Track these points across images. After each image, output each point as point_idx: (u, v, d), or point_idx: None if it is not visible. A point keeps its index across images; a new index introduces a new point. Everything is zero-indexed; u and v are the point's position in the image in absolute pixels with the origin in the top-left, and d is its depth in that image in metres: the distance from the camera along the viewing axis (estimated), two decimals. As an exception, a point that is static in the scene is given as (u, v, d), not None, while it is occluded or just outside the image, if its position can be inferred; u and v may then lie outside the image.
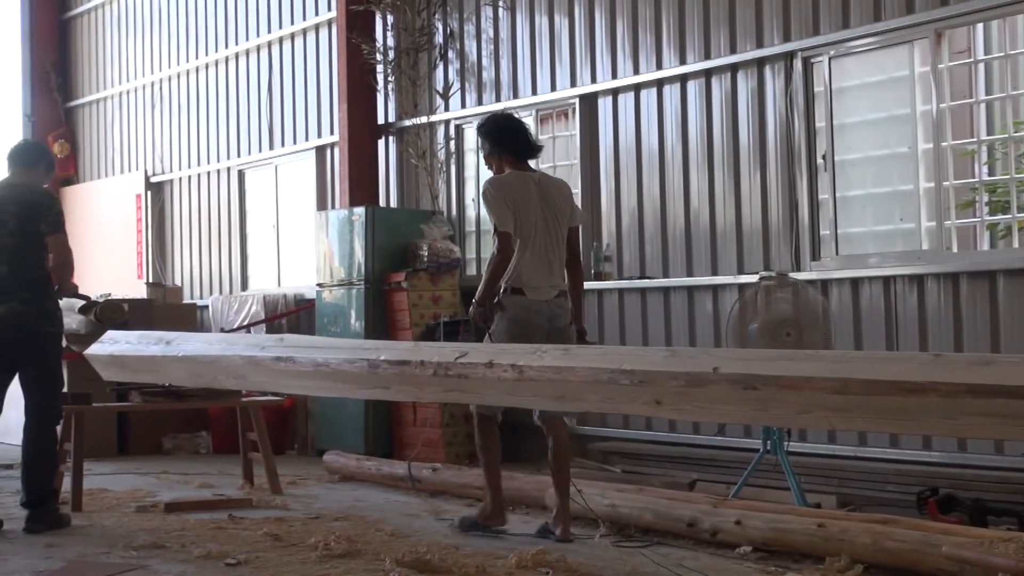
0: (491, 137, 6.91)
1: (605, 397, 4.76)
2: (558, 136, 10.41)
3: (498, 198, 6.64)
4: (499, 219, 6.60)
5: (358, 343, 6.71)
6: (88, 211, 16.34)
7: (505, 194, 6.65)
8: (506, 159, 6.86)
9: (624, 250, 9.78)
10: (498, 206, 6.62)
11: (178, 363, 7.24)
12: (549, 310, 6.62)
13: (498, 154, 6.88)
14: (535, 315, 6.58)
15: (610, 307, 9.81)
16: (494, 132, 6.93)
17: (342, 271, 10.99)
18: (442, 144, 11.33)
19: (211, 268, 14.41)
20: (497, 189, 6.68)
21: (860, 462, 7.98)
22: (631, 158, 9.77)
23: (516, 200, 6.65)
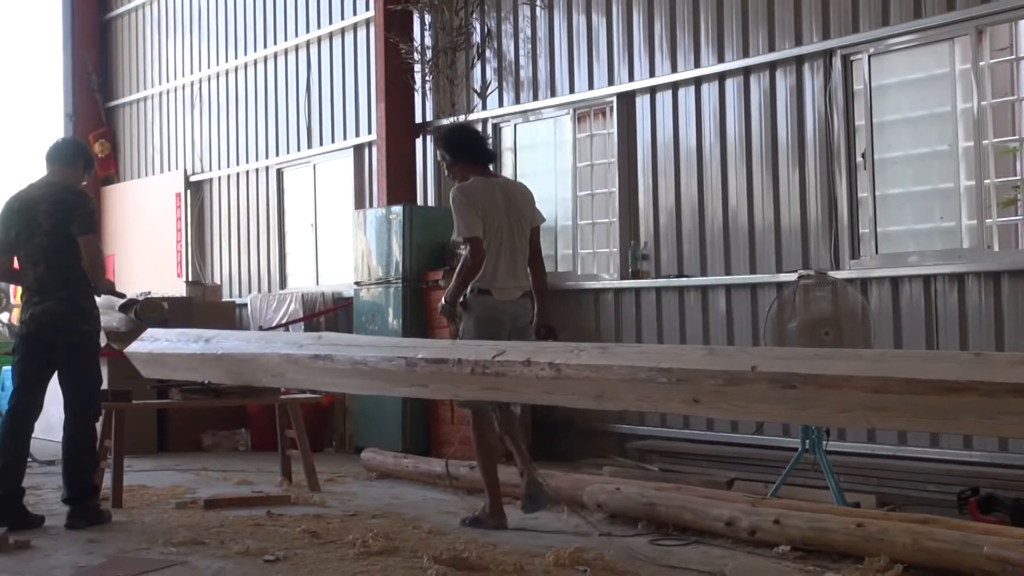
0: (452, 148, 7.20)
1: (643, 395, 4.75)
2: (595, 135, 10.40)
3: (467, 204, 6.89)
4: (468, 225, 6.85)
5: (395, 341, 6.73)
6: (128, 210, 16.46)
7: (473, 200, 6.91)
8: (469, 167, 7.11)
9: (661, 249, 9.75)
10: (467, 212, 6.87)
11: (217, 361, 7.28)
12: (512, 310, 6.96)
13: (461, 163, 7.13)
14: (499, 314, 6.89)
15: (647, 306, 9.79)
16: (455, 143, 7.21)
17: (380, 269, 11.01)
18: (480, 143, 11.31)
19: (250, 266, 14.47)
20: (465, 196, 6.93)
21: (900, 461, 7.93)
22: (669, 156, 9.74)
23: (484, 206, 6.93)
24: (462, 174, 7.11)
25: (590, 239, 10.41)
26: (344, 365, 6.20)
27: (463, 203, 6.90)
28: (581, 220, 10.45)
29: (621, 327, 9.99)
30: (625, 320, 9.97)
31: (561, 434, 10.36)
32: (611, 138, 10.21)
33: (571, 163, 10.55)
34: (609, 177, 10.20)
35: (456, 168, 7.16)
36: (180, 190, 15.52)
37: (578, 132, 10.52)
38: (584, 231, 10.45)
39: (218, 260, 15.01)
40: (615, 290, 10.06)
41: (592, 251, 10.40)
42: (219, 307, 13.08)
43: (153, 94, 16.39)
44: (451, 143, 7.21)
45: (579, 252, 10.47)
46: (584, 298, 10.32)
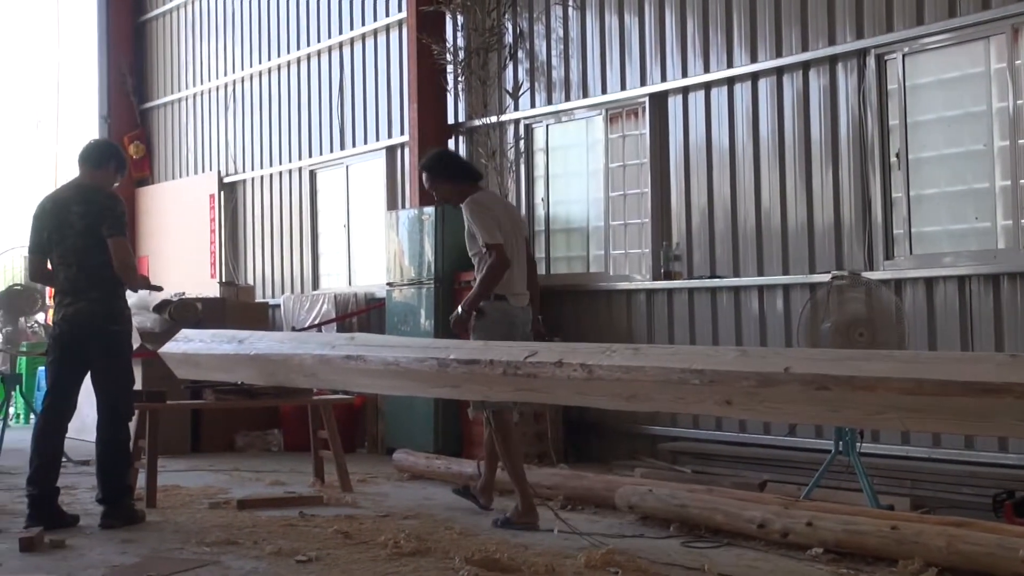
0: (446, 172, 7.46)
1: (675, 397, 4.73)
2: (628, 135, 10.37)
3: (487, 213, 7.14)
4: (490, 233, 7.08)
5: (428, 342, 6.72)
6: (162, 211, 16.54)
7: (491, 210, 7.19)
8: (466, 187, 7.37)
9: (694, 249, 9.72)
10: (488, 221, 7.11)
11: (250, 361, 7.29)
12: (523, 316, 7.24)
13: (461, 184, 7.37)
14: (514, 319, 7.13)
15: (680, 307, 9.76)
16: (450, 166, 7.52)
17: (412, 270, 11.02)
18: (511, 143, 11.32)
19: (283, 267, 14.51)
20: (482, 206, 7.19)
21: (934, 464, 7.87)
22: (701, 157, 9.71)
23: (497, 215, 7.21)
24: (462, 193, 7.32)
25: (622, 240, 10.38)
26: (376, 366, 6.20)
27: (483, 212, 7.13)
28: (613, 221, 10.43)
29: (653, 328, 9.97)
30: (657, 321, 9.94)
31: (593, 435, 10.33)
32: (643, 138, 10.18)
33: (603, 164, 10.53)
34: (641, 177, 10.18)
35: (452, 192, 7.37)
36: (214, 191, 15.58)
37: (610, 133, 10.50)
38: (616, 232, 10.42)
39: (251, 261, 15.06)
40: (647, 291, 10.03)
41: (624, 252, 10.37)
42: (252, 308, 13.12)
43: (187, 96, 16.46)
44: (445, 168, 7.48)
45: (611, 253, 10.45)
46: (616, 299, 10.30)
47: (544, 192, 11.13)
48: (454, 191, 7.38)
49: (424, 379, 5.99)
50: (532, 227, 11.18)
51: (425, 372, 5.90)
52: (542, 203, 11.14)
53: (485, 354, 5.65)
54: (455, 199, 7.36)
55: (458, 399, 7.65)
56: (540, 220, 11.16)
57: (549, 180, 11.12)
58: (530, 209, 11.20)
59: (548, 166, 11.13)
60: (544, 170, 11.14)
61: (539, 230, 11.16)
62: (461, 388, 5.91)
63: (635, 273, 10.25)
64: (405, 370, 6.02)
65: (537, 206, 11.20)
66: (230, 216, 15.44)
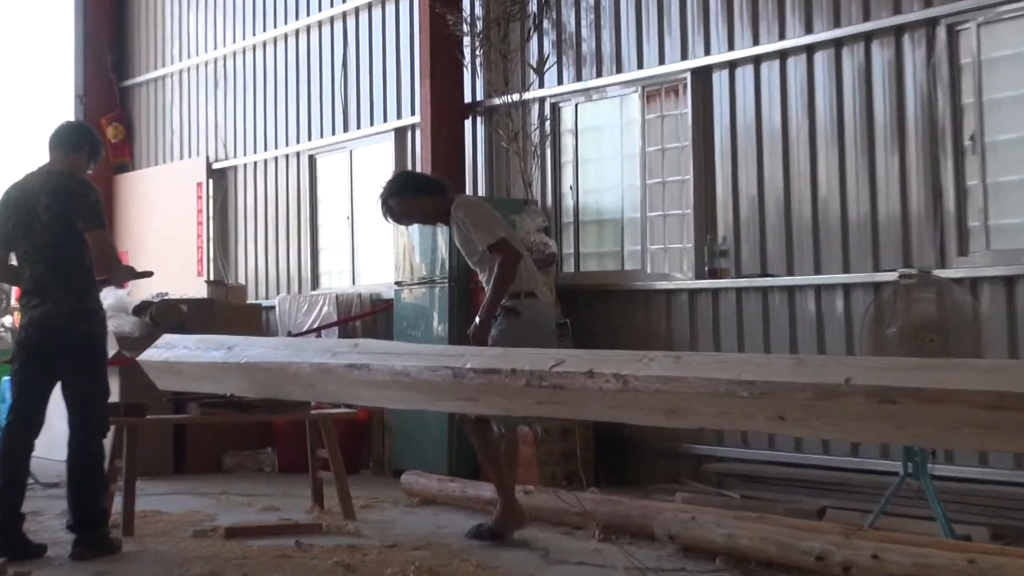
0: (423, 187, 7.73)
1: (721, 411, 4.69)
2: (667, 115, 10.34)
3: (479, 209, 7.40)
4: (490, 229, 7.29)
5: (441, 349, 6.69)
6: (144, 201, 16.57)
7: (482, 205, 7.51)
8: (443, 199, 7.58)
9: (742, 244, 9.69)
10: (487, 217, 7.33)
11: (241, 371, 7.27)
12: (552, 316, 7.63)
13: (437, 198, 7.61)
14: (545, 319, 7.42)
15: (727, 309, 9.72)
16: (422, 181, 7.88)
17: (424, 268, 11.00)
18: (536, 125, 11.30)
19: (278, 264, 14.53)
20: (472, 203, 7.51)
21: (1017, 488, 7.82)
22: (750, 139, 9.67)
23: (490, 210, 7.51)
24: (443, 206, 7.54)
25: (661, 233, 10.35)
26: (383, 376, 6.17)
27: (479, 209, 7.39)
28: (651, 212, 10.39)
29: (696, 333, 9.94)
30: (701, 325, 9.91)
31: (628, 455, 10.31)
32: (684, 119, 10.15)
33: (639, 147, 10.49)
34: (682, 163, 10.14)
35: (437, 202, 7.59)
36: (202, 179, 15.62)
37: (647, 112, 10.47)
38: (654, 224, 10.39)
39: (243, 257, 15.08)
40: (689, 291, 10.00)
41: (663, 247, 10.34)
42: (243, 310, 13.12)
43: (172, 72, 16.51)
44: (422, 181, 7.85)
45: (648, 248, 10.42)
46: (654, 300, 10.27)
47: (573, 179, 11.11)
48: (435, 205, 7.59)
49: (437, 391, 5.96)
50: (559, 218, 11.17)
51: (438, 383, 5.87)
52: (570, 191, 11.12)
53: (506, 363, 5.61)
54: (438, 214, 7.58)
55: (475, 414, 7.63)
56: (568, 211, 11.14)
57: (578, 166, 11.10)
58: (556, 199, 11.18)
59: (577, 150, 11.10)
60: (573, 154, 11.12)
61: (567, 222, 11.14)
62: (479, 401, 5.87)
63: (676, 271, 10.22)
64: (415, 381, 5.99)
65: (565, 195, 11.17)
66: (219, 207, 15.46)
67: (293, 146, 14.34)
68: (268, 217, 14.75)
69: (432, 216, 7.72)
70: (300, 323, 13.14)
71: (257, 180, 14.95)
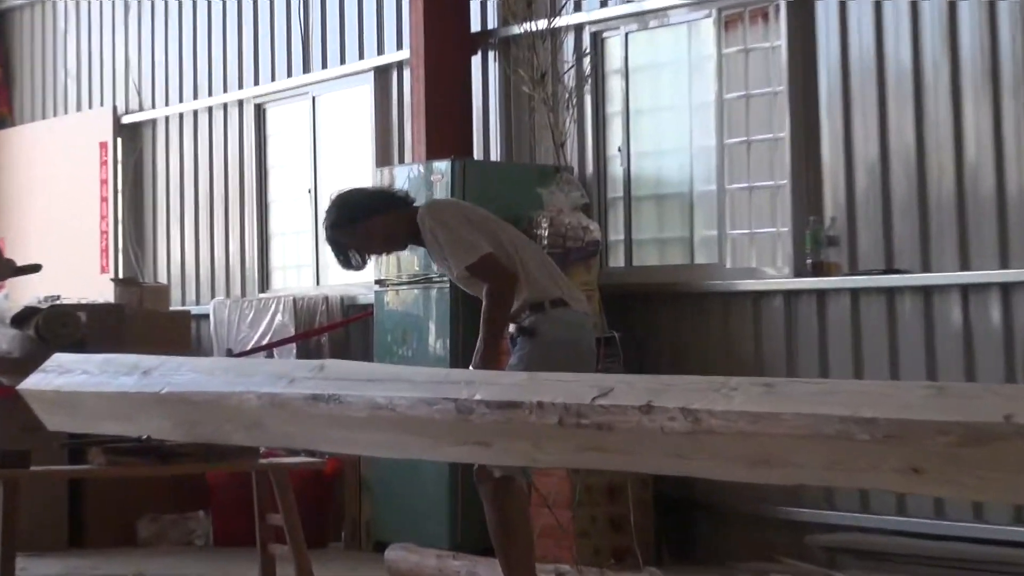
0: (369, 213, 7.75)
1: (830, 461, 4.70)
2: (752, 49, 10.33)
3: (457, 215, 7.58)
4: (471, 242, 7.40)
5: (441, 374, 6.70)
6: (27, 168, 16.59)
7: (458, 213, 7.66)
8: (400, 216, 7.71)
9: (858, 228, 9.69)
10: (460, 226, 7.47)
11: (161, 404, 7.30)
12: (592, 328, 7.85)
13: (402, 213, 7.73)
14: (589, 336, 7.65)
15: (837, 317, 9.71)
16: (379, 196, 8.05)
17: (416, 262, 11.01)
18: (571, 62, 11.30)
19: (213, 257, 14.57)
20: (446, 208, 7.88)
21: None
22: (867, 84, 9.67)
23: (478, 217, 7.68)
24: (410, 221, 7.62)
25: (745, 213, 10.37)
26: (360, 411, 6.19)
27: (451, 215, 7.55)
28: (731, 183, 10.40)
29: (795, 350, 9.95)
30: (801, 340, 9.92)
31: (701, 523, 10.32)
32: (777, 54, 10.15)
33: (714, 93, 10.50)
34: (775, 115, 10.15)
35: (403, 218, 7.69)
36: (107, 137, 15.64)
37: (725, 45, 10.47)
38: (736, 200, 10.41)
39: (163, 247, 15.12)
40: (785, 293, 10.01)
41: (748, 231, 10.35)
42: (165, 320, 13.15)
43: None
44: (379, 197, 8.02)
45: (727, 234, 10.42)
46: (736, 305, 10.30)
47: (622, 138, 11.11)
48: (398, 222, 7.67)
49: (435, 432, 5.98)
50: (603, 193, 11.17)
51: (436, 422, 5.88)
52: (619, 155, 11.12)
53: (530, 392, 5.62)
54: (407, 233, 7.66)
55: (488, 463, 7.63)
56: (616, 182, 11.14)
57: (629, 119, 11.11)
58: (600, 165, 11.18)
59: (628, 97, 11.11)
60: (622, 103, 11.13)
61: (614, 198, 11.14)
62: (493, 447, 5.87)
63: (766, 265, 10.24)
64: (404, 418, 6.00)
65: (610, 160, 11.18)
66: (131, 176, 15.50)
67: (233, 92, 14.38)
68: (199, 191, 14.78)
69: (399, 237, 7.78)
70: (244, 338, 13.16)
71: (184, 139, 14.98)
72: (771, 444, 4.83)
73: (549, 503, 10.06)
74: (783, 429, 4.77)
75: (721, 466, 5.16)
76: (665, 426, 5.08)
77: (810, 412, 4.71)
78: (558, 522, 9.99)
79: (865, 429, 4.54)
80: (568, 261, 10.60)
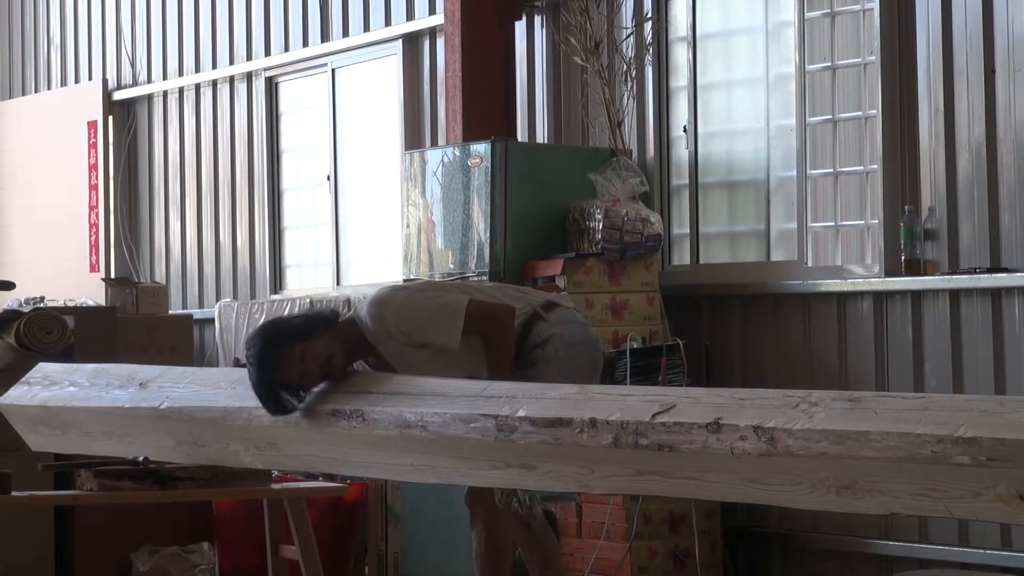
0: (307, 334, 7.45)
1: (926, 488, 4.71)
2: (839, 13, 10.32)
3: (412, 297, 7.68)
4: (446, 306, 7.47)
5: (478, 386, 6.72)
6: (4, 151, 16.63)
7: (410, 290, 8.10)
8: (340, 327, 7.59)
9: (960, 220, 9.67)
10: (425, 302, 7.58)
11: (160, 421, 7.33)
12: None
13: (333, 335, 7.48)
14: (594, 341, 7.84)
15: (934, 321, 9.70)
16: (305, 327, 7.53)
17: (450, 257, 11.04)
18: (630, 29, 11.31)
19: (218, 253, 14.60)
20: (397, 293, 7.79)
21: None
22: (974, 53, 9.64)
23: (428, 284, 8.33)
24: (350, 335, 7.54)
25: (829, 203, 10.36)
26: (386, 429, 6.22)
27: (409, 301, 7.58)
28: (813, 169, 10.40)
29: (885, 360, 9.94)
30: (893, 348, 9.91)
31: (777, 557, 10.33)
32: (868, 19, 10.14)
33: (795, 64, 10.50)
34: (865, 90, 10.15)
35: (350, 328, 7.60)
36: (96, 115, 15.68)
37: (808, 9, 10.46)
38: (819, 189, 10.40)
39: (161, 242, 15.17)
40: (874, 294, 10.00)
41: (833, 224, 10.35)
42: (164, 325, 13.19)
43: (50, -53, 16.64)
44: (303, 325, 7.60)
45: (808, 227, 10.42)
46: (819, 307, 10.29)
47: (688, 116, 11.12)
48: (339, 335, 7.54)
49: (472, 454, 6.00)
50: (666, 180, 11.18)
51: (474, 442, 5.91)
52: (684, 136, 11.12)
53: (580, 409, 5.64)
54: (353, 344, 7.56)
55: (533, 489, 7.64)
56: (680, 167, 11.15)
57: (696, 94, 11.11)
58: (662, 148, 11.19)
59: (695, 69, 11.11)
60: (688, 76, 11.13)
61: (679, 185, 11.15)
62: (537, 470, 5.91)
63: (853, 262, 10.24)
64: (437, 437, 6.03)
65: (675, 142, 11.18)
66: (125, 160, 15.54)
67: (240, 64, 14.42)
68: (202, 178, 14.83)
69: (339, 357, 7.49)
70: (253, 346, 13.21)
71: (184, 118, 15.03)
72: (857, 468, 4.84)
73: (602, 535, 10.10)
74: (871, 451, 4.78)
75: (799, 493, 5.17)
76: (735, 447, 5.09)
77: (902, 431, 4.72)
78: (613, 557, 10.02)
79: (965, 451, 4.54)
80: (625, 258, 10.63)
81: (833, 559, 10.10)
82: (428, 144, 12.37)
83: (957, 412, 4.79)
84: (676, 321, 10.50)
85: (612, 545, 10.07)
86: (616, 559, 10.05)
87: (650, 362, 10.01)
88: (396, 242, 12.00)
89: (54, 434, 8.13)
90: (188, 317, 13.76)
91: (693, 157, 11.12)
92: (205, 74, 14.76)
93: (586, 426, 5.53)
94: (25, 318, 11.62)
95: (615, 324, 10.59)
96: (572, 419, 5.60)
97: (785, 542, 10.27)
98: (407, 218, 11.45)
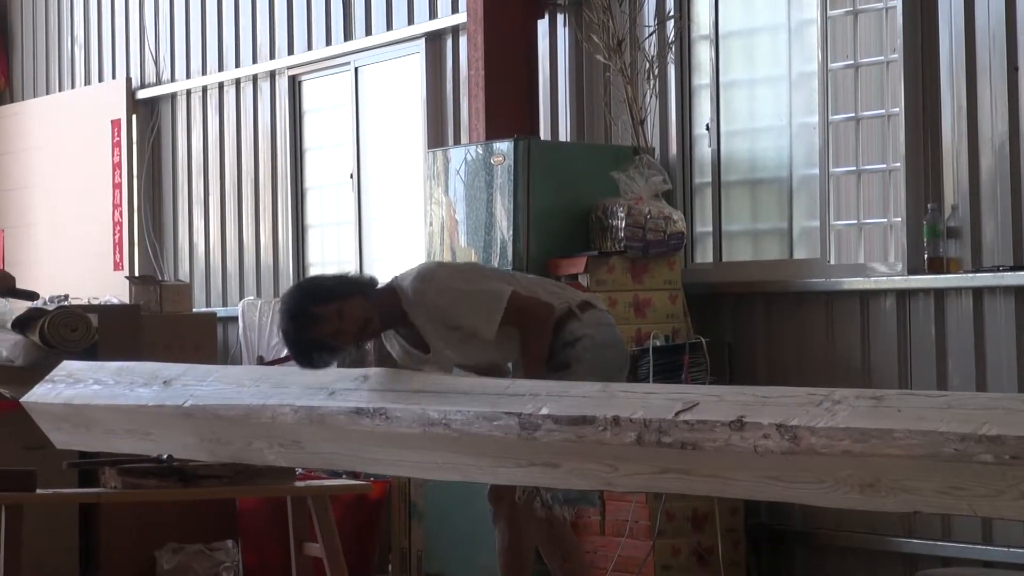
0: (346, 293, 7.57)
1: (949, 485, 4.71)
2: (862, 11, 10.31)
3: (456, 277, 7.75)
4: (489, 294, 7.54)
5: (501, 384, 6.73)
6: (29, 149, 16.64)
7: (457, 269, 8.16)
8: (380, 295, 7.67)
9: (983, 218, 9.66)
10: (468, 284, 7.61)
11: (185, 419, 7.34)
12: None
13: (372, 302, 7.60)
14: (621, 342, 8.00)
15: (957, 319, 9.69)
16: (339, 287, 7.66)
17: (473, 254, 11.04)
18: (653, 27, 11.31)
19: (242, 252, 14.61)
20: (444, 270, 8.06)
21: None
22: (997, 49, 9.63)
23: (475, 267, 8.28)
24: (389, 306, 7.61)
25: (852, 201, 10.35)
26: (409, 427, 6.23)
27: (453, 281, 7.62)
28: (836, 166, 10.39)
29: (909, 359, 9.94)
30: (916, 346, 9.90)
31: (800, 556, 10.32)
32: (891, 17, 10.13)
33: (818, 62, 10.49)
34: (888, 88, 10.14)
35: (377, 304, 7.61)
36: (120, 114, 15.68)
37: (831, 7, 10.45)
38: (842, 187, 10.40)
39: (185, 240, 15.17)
40: (898, 292, 9.99)
41: (856, 222, 10.34)
42: (187, 323, 13.20)
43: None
44: (341, 284, 7.70)
45: (831, 225, 10.41)
46: (842, 306, 10.29)
47: (711, 114, 11.12)
48: (377, 303, 7.60)
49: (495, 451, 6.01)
50: (689, 178, 11.17)
51: (497, 440, 5.91)
52: (707, 134, 11.12)
53: (603, 407, 5.65)
54: (390, 315, 7.62)
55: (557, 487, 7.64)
56: (704, 165, 11.14)
57: (719, 92, 11.11)
58: (685, 146, 11.18)
59: (717, 67, 11.11)
60: (711, 74, 11.13)
61: (701, 183, 11.14)
62: (561, 468, 5.91)
63: (876, 261, 10.23)
64: (460, 435, 6.04)
65: (697, 140, 11.18)
66: (149, 158, 15.55)
67: (264, 63, 14.42)
68: (226, 176, 14.83)
69: (374, 323, 7.64)
70: (277, 344, 13.20)
71: (208, 117, 15.04)
72: (880, 466, 4.84)
73: (625, 533, 10.10)
74: (894, 449, 4.78)
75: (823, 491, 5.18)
76: (759, 445, 5.10)
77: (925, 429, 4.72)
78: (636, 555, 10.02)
79: (989, 449, 4.54)
80: (648, 256, 10.63)
81: (856, 557, 10.09)
82: (451, 142, 12.38)
83: (980, 410, 4.79)
84: (699, 319, 10.50)
85: (635, 543, 10.07)
86: (639, 557, 10.05)
87: (673, 360, 10.00)
88: (419, 240, 12.00)
89: (78, 432, 8.15)
90: (212, 315, 13.78)
91: (716, 155, 11.11)
92: (229, 73, 14.77)
93: (609, 424, 5.53)
94: (49, 316, 11.62)
95: (638, 322, 10.59)
96: (595, 417, 5.60)
97: (808, 540, 10.26)
98: (430, 216, 11.46)
